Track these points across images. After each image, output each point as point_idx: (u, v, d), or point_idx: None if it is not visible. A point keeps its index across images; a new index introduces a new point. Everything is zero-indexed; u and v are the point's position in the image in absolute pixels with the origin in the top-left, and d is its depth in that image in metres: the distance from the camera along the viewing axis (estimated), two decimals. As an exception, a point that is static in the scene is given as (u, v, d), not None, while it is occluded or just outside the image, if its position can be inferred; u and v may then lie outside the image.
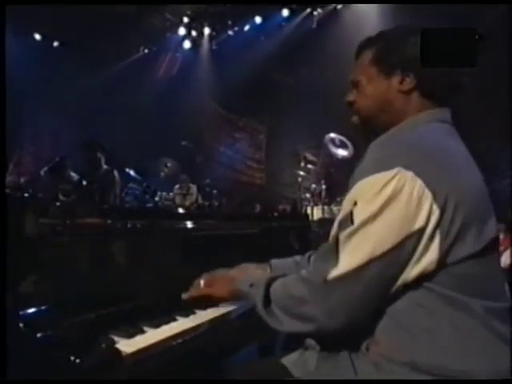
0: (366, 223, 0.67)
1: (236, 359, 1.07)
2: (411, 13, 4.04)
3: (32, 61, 5.49)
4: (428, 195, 0.66)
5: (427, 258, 0.67)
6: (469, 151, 0.77)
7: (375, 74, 0.80)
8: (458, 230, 0.67)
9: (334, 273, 0.68)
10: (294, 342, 0.89)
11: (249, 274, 0.93)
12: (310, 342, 0.84)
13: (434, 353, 0.68)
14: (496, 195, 0.79)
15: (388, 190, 0.66)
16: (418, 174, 0.66)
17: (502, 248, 2.93)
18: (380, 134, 0.80)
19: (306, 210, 3.92)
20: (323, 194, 4.07)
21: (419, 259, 0.67)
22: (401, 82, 0.78)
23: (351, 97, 0.85)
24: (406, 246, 0.66)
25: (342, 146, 3.95)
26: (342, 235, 0.69)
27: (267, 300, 0.77)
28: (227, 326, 1.01)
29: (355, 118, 0.85)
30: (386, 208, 0.66)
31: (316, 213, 3.88)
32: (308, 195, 4.20)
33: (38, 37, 6.00)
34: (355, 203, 0.69)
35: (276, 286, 0.78)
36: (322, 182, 4.16)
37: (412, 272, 0.68)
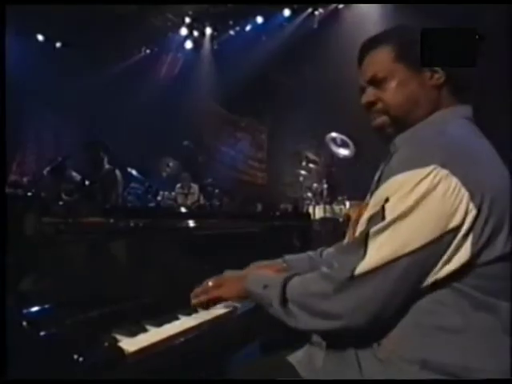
0: (397, 219, 0.65)
1: (238, 357, 1.07)
2: (412, 13, 4.03)
3: (35, 61, 5.51)
4: (465, 194, 0.64)
5: (458, 259, 0.66)
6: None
7: (404, 71, 0.78)
8: (491, 230, 0.66)
9: (362, 268, 0.66)
10: (297, 339, 0.88)
11: (261, 275, 0.88)
12: (315, 338, 0.83)
13: (450, 352, 0.67)
14: None
15: (423, 187, 0.64)
16: (454, 172, 0.65)
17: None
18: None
19: (307, 209, 3.92)
20: (325, 193, 4.06)
21: (450, 259, 0.66)
22: (431, 78, 0.77)
23: (372, 97, 0.81)
24: (439, 245, 0.65)
25: (344, 145, 3.94)
26: (372, 230, 0.67)
27: (284, 299, 0.74)
28: (230, 324, 1.01)
29: (384, 119, 0.80)
30: (420, 204, 0.65)
31: (317, 212, 3.87)
32: (309, 194, 4.19)
33: (40, 38, 6.01)
34: (387, 199, 0.67)
35: (293, 284, 0.75)
36: (324, 181, 4.15)
37: (441, 272, 0.66)
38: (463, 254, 0.66)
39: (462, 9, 3.80)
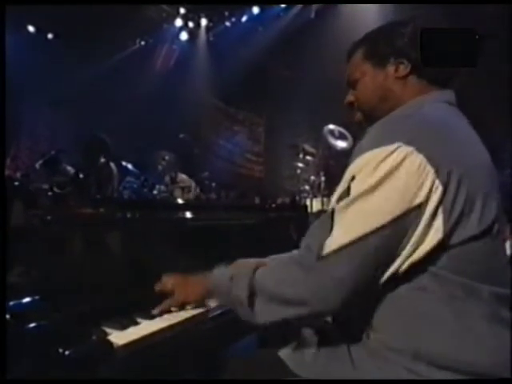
0: (362, 195, 0.65)
1: (234, 350, 1.05)
2: (411, 5, 3.98)
3: (27, 53, 5.42)
4: (430, 171, 0.64)
5: (431, 238, 0.65)
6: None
7: (370, 68, 0.82)
8: (461, 207, 0.65)
9: (329, 247, 0.65)
10: (294, 333, 0.86)
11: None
12: (307, 332, 0.81)
13: (436, 340, 0.66)
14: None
15: (387, 164, 0.64)
16: (419, 149, 0.64)
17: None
18: None
19: (304, 202, 3.90)
20: (322, 185, 4.04)
21: (422, 239, 0.65)
22: (396, 70, 0.79)
23: (350, 97, 0.87)
24: (404, 221, 0.64)
25: (341, 137, 3.91)
26: (338, 207, 0.67)
27: (252, 289, 0.72)
28: (224, 317, 0.99)
29: (358, 115, 0.86)
30: (384, 181, 0.64)
31: (315, 205, 3.86)
32: (307, 187, 4.18)
33: (31, 29, 5.91)
34: (353, 178, 0.67)
35: (263, 272, 0.73)
36: (321, 173, 4.13)
37: (416, 254, 0.65)
38: (436, 233, 0.65)
39: (462, 9, 3.76)
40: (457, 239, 0.66)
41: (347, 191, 0.67)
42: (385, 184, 0.64)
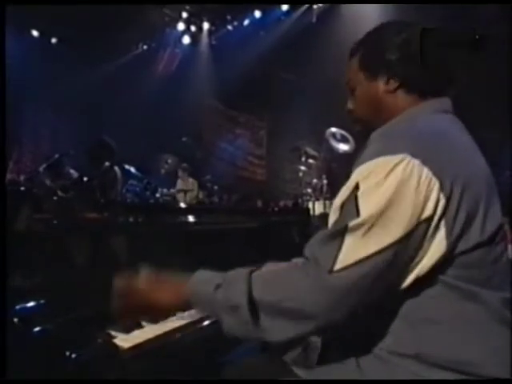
0: (374, 213, 0.64)
1: (237, 354, 1.06)
2: (412, 8, 3.99)
3: (30, 57, 5.47)
4: (436, 183, 0.64)
5: (435, 252, 0.65)
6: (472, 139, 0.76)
7: (363, 79, 0.82)
8: (464, 218, 0.65)
9: (342, 263, 0.63)
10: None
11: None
12: (312, 337, 0.82)
13: (442, 345, 0.67)
14: (497, 187, 0.77)
15: (396, 176, 0.63)
16: (424, 162, 0.64)
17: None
18: None
19: (307, 205, 3.90)
20: (324, 188, 4.04)
21: (426, 252, 0.65)
22: (386, 83, 0.79)
23: (350, 105, 0.86)
24: (414, 236, 0.64)
25: (343, 140, 3.91)
26: (350, 224, 0.65)
27: (251, 298, 0.65)
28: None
29: (358, 128, 0.86)
30: (396, 197, 0.63)
31: (317, 207, 3.86)
32: (309, 190, 4.17)
33: (35, 33, 5.97)
34: (357, 185, 0.66)
35: (260, 279, 0.67)
36: (324, 176, 4.13)
37: (421, 267, 0.66)
38: (439, 247, 0.65)
39: (462, 8, 3.77)
40: (460, 249, 0.66)
41: (355, 202, 0.65)
42: (395, 200, 0.64)
